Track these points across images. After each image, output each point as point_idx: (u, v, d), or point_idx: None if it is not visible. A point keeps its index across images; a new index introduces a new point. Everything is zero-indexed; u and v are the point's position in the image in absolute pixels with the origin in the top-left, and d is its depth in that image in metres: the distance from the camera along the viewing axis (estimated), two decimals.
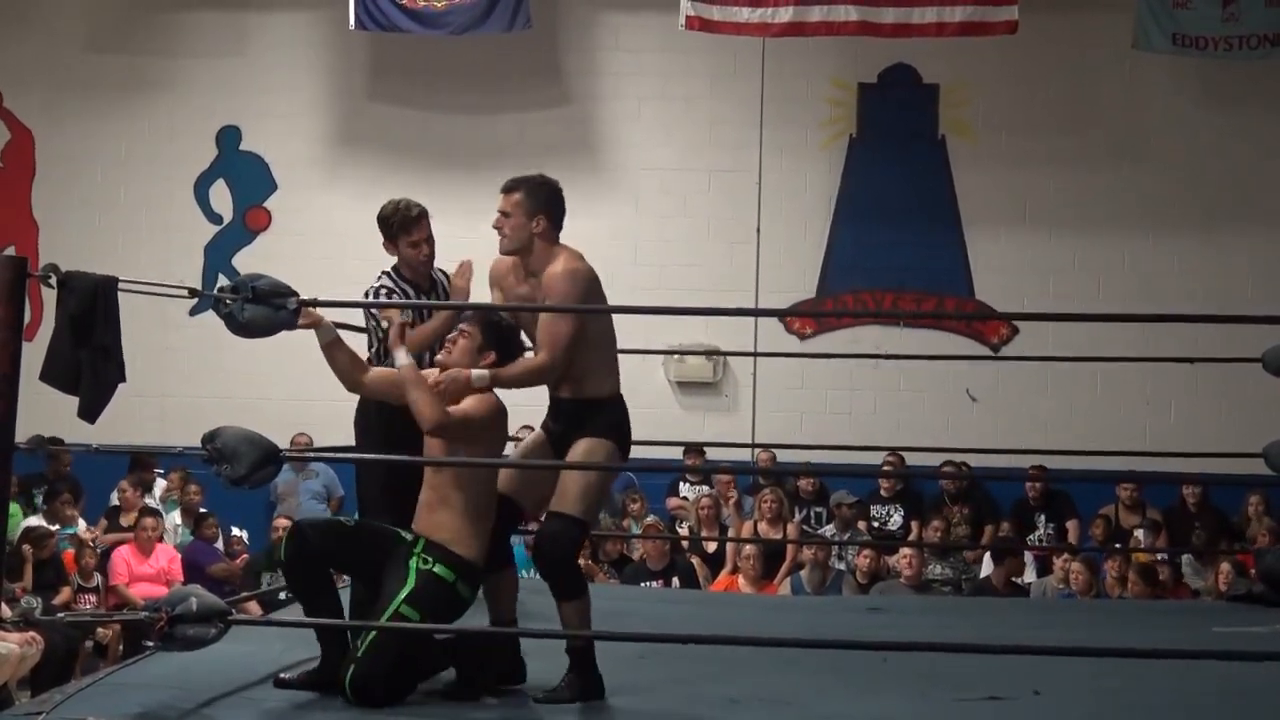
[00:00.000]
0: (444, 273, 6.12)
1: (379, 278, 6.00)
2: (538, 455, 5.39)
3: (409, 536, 5.16)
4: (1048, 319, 12.87)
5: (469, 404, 5.13)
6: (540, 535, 5.29)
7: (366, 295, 5.97)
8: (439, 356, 5.33)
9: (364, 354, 5.96)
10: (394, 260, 6.04)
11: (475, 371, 5.16)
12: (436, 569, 5.06)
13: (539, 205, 5.32)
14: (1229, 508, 11.86)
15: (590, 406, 5.29)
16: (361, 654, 4.95)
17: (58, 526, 10.92)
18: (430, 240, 5.99)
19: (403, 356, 5.13)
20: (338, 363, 5.34)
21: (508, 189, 5.36)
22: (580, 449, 5.24)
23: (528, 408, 5.91)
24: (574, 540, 5.26)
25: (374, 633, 4.96)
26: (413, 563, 5.06)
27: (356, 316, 6.46)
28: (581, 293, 5.26)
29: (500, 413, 5.24)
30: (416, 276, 6.02)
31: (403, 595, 5.01)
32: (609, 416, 5.30)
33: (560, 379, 5.28)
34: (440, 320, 5.66)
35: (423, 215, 6.01)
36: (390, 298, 5.90)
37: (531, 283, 5.33)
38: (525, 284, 5.38)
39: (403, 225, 5.94)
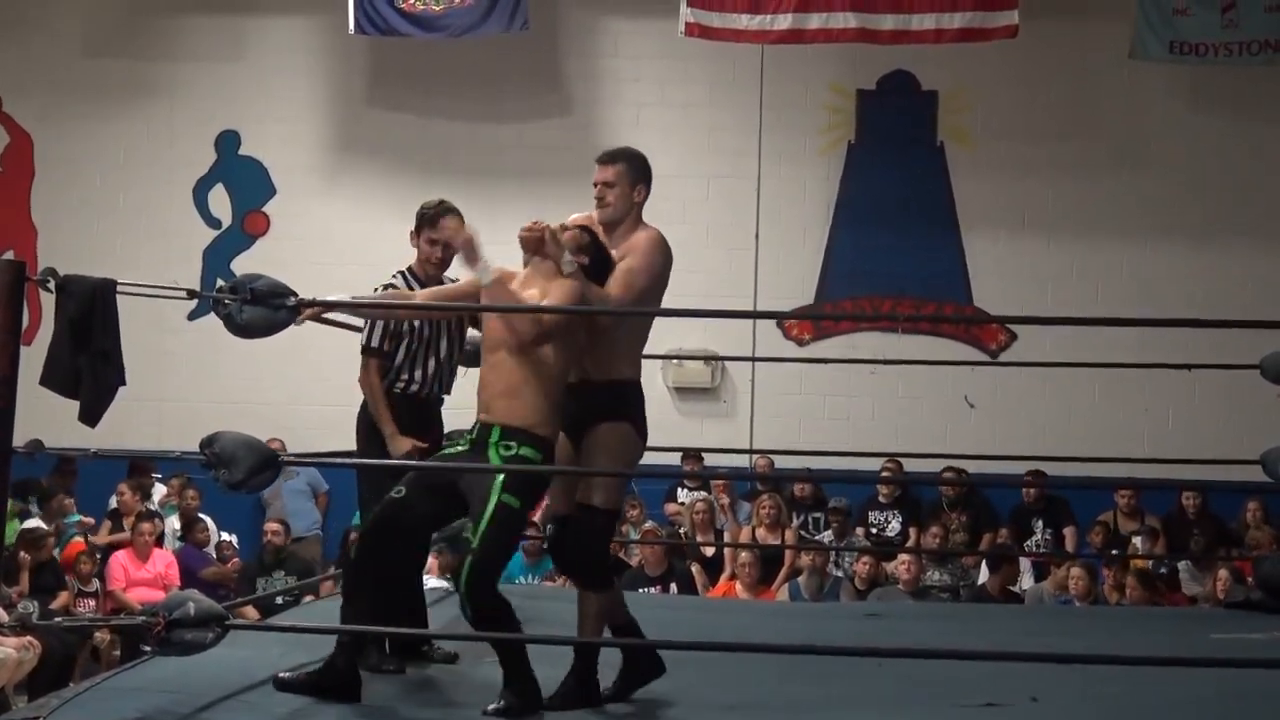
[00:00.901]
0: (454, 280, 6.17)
1: (391, 275, 6.21)
2: (562, 452, 5.31)
3: (467, 437, 5.17)
4: (1046, 323, 12.84)
5: (556, 294, 5.13)
6: (568, 529, 5.28)
7: (375, 290, 6.13)
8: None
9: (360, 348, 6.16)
10: (412, 260, 6.27)
11: (568, 258, 5.18)
12: (523, 451, 5.06)
13: (639, 175, 5.48)
14: (1227, 514, 11.86)
15: (610, 389, 5.29)
16: (476, 546, 4.93)
17: (54, 526, 10.94)
18: (446, 245, 6.10)
19: (486, 270, 5.18)
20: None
21: (610, 159, 5.50)
22: (600, 432, 5.25)
23: None
24: (600, 531, 5.30)
25: (484, 524, 4.93)
26: (494, 453, 5.06)
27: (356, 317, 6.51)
28: (664, 264, 5.40)
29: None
30: (427, 277, 6.15)
31: (499, 484, 4.97)
32: (627, 400, 5.31)
33: (583, 362, 5.25)
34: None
35: (443, 215, 6.17)
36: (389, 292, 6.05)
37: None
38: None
39: (429, 220, 6.18)
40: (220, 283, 5.06)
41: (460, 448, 5.22)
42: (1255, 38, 12.22)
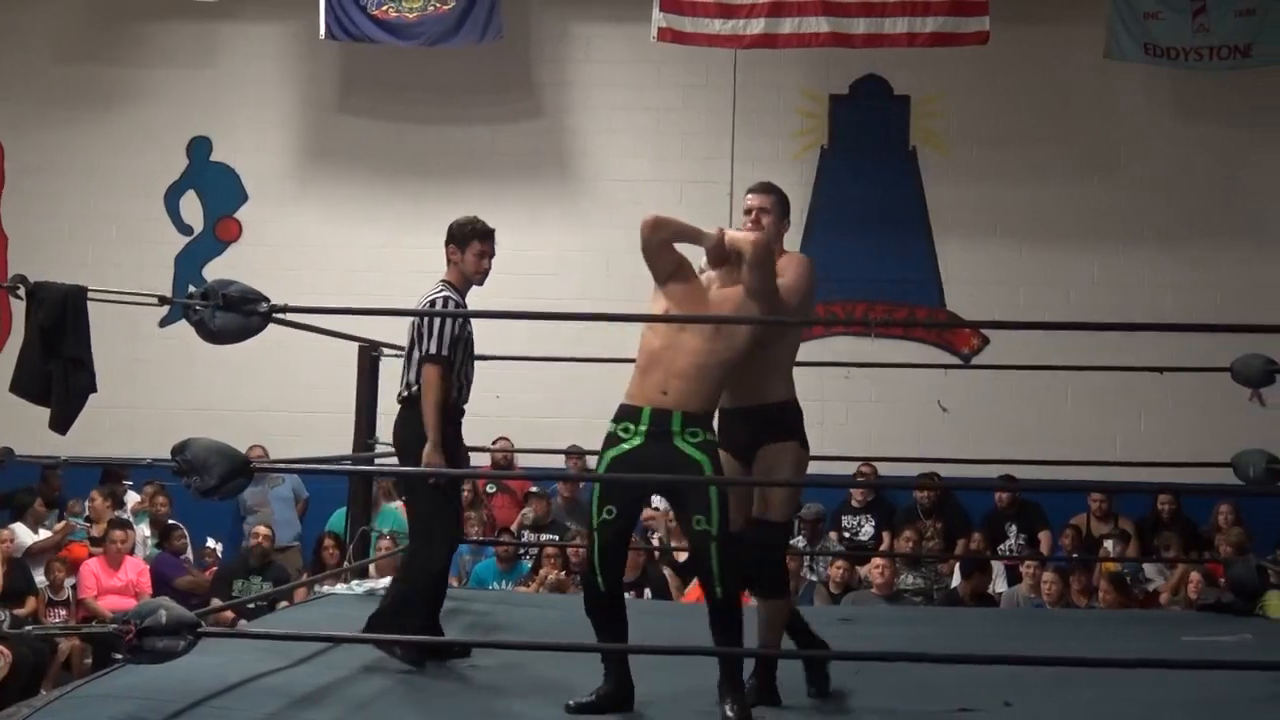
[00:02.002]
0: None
1: (438, 286, 6.37)
2: (731, 471, 5.48)
3: (639, 427, 5.22)
4: (1018, 327, 12.88)
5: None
6: (752, 542, 5.41)
7: (427, 303, 6.31)
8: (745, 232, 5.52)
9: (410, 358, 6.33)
10: (443, 273, 6.47)
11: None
12: (709, 436, 5.22)
13: (786, 209, 5.81)
14: (1199, 517, 11.90)
15: (782, 409, 5.51)
16: (717, 531, 5.09)
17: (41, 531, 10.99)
18: (493, 258, 6.44)
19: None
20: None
21: (766, 189, 5.80)
22: (775, 451, 5.44)
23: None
24: (782, 544, 5.60)
25: (717, 511, 5.10)
26: (690, 449, 5.18)
27: (334, 324, 6.51)
28: (811, 285, 5.60)
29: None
30: (463, 289, 6.41)
31: (712, 479, 5.16)
32: (795, 419, 5.52)
33: (743, 385, 5.44)
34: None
35: (494, 234, 6.46)
36: (448, 305, 6.26)
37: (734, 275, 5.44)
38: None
39: (480, 234, 6.43)
40: (192, 289, 5.03)
41: (635, 441, 5.23)
42: (1226, 42, 12.27)
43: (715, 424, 5.40)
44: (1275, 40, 12.22)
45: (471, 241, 6.39)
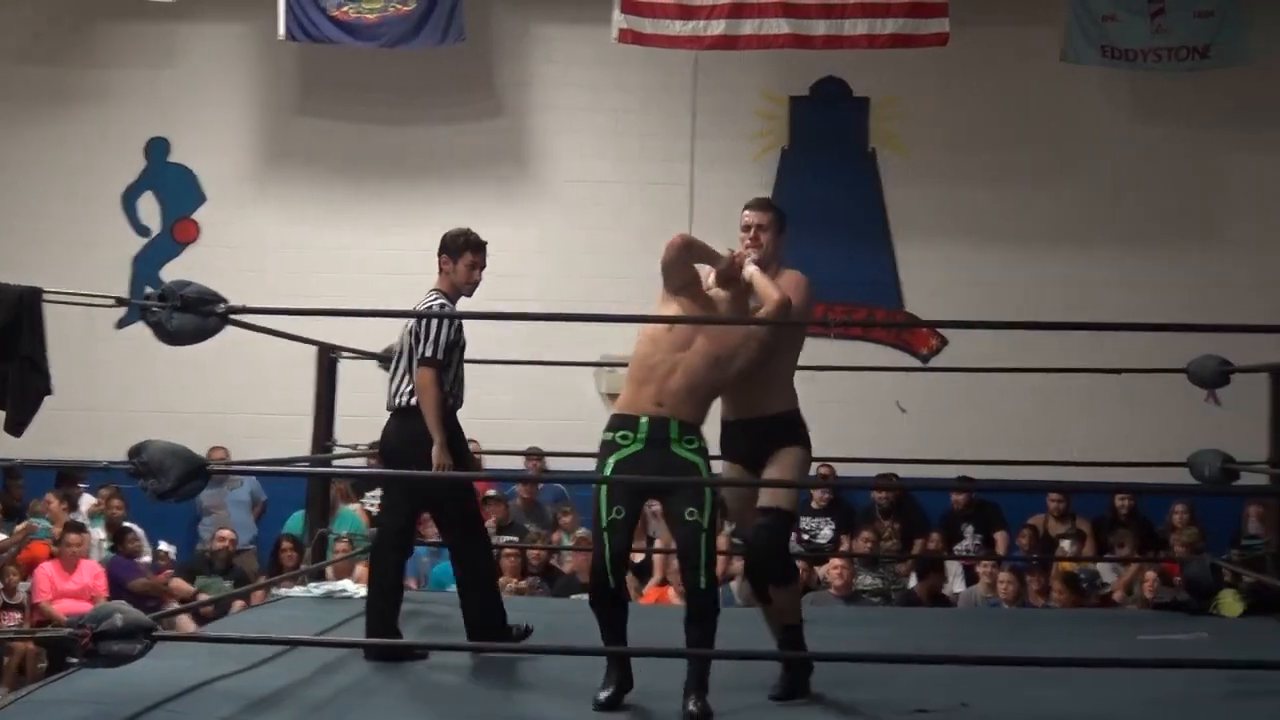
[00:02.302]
0: None
1: (432, 295, 6.52)
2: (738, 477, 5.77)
3: (637, 435, 5.41)
4: (976, 327, 12.95)
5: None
6: (758, 529, 5.56)
7: (421, 309, 6.45)
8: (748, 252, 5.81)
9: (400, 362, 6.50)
10: (434, 282, 6.56)
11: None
12: (702, 443, 5.44)
13: (783, 224, 5.95)
14: (1156, 517, 11.97)
15: (786, 419, 5.69)
16: (708, 527, 5.30)
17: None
18: (484, 269, 6.59)
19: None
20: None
21: (764, 205, 6.00)
22: (783, 454, 5.61)
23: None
24: (788, 531, 5.80)
25: (710, 509, 5.32)
26: (686, 453, 5.40)
27: (292, 325, 6.51)
28: (809, 305, 5.89)
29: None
30: (454, 298, 6.55)
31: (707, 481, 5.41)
32: (802, 428, 5.74)
33: (747, 398, 5.64)
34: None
35: (486, 246, 6.60)
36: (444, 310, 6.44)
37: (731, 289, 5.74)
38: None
39: (473, 246, 6.56)
40: (149, 290, 5.01)
41: (635, 447, 5.41)
42: (1184, 44, 12.35)
43: (722, 434, 5.71)
44: (1233, 41, 12.32)
45: (465, 253, 6.51)
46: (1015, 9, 13.32)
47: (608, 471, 5.40)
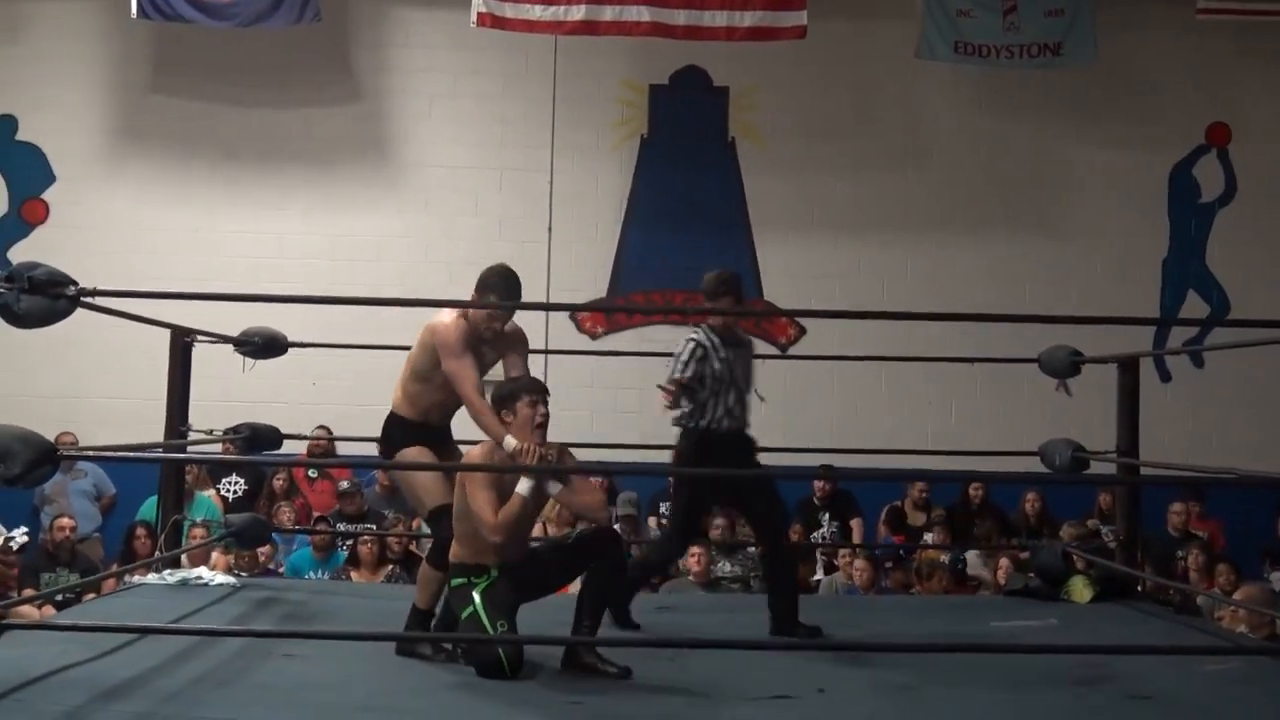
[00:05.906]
0: None
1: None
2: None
3: None
4: (833, 316, 13.10)
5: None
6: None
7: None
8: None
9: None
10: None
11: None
12: None
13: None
14: (1008, 505, 12.18)
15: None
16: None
17: None
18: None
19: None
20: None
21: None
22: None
23: None
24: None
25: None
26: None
27: (144, 308, 6.39)
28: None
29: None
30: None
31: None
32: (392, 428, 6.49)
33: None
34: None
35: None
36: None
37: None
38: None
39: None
40: None
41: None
42: (1035, 41, 12.56)
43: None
44: (1084, 40, 12.56)
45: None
46: (872, 3, 13.48)
47: None
